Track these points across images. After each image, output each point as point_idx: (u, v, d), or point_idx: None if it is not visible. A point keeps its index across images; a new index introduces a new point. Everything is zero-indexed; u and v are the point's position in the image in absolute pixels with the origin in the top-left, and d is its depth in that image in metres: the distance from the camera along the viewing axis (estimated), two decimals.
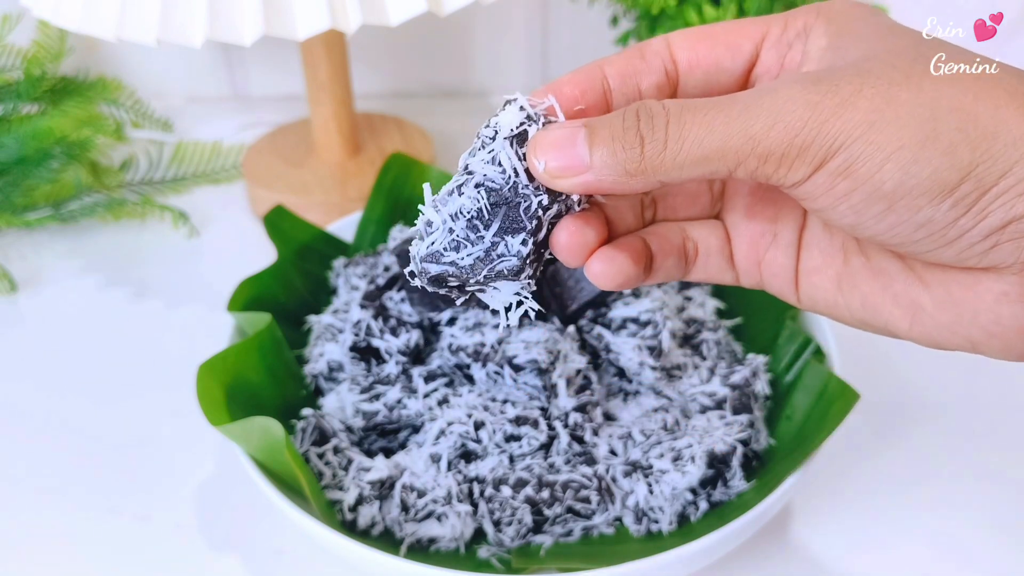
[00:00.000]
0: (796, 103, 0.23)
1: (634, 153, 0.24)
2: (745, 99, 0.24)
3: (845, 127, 0.22)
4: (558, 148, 0.25)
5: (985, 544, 0.43)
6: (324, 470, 0.41)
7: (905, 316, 0.26)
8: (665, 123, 0.24)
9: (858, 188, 0.23)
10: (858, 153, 0.22)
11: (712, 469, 0.40)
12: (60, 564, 0.44)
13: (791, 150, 0.23)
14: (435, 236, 0.26)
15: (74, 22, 0.52)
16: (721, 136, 0.23)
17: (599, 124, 0.25)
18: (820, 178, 0.23)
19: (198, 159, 0.73)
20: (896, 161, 0.22)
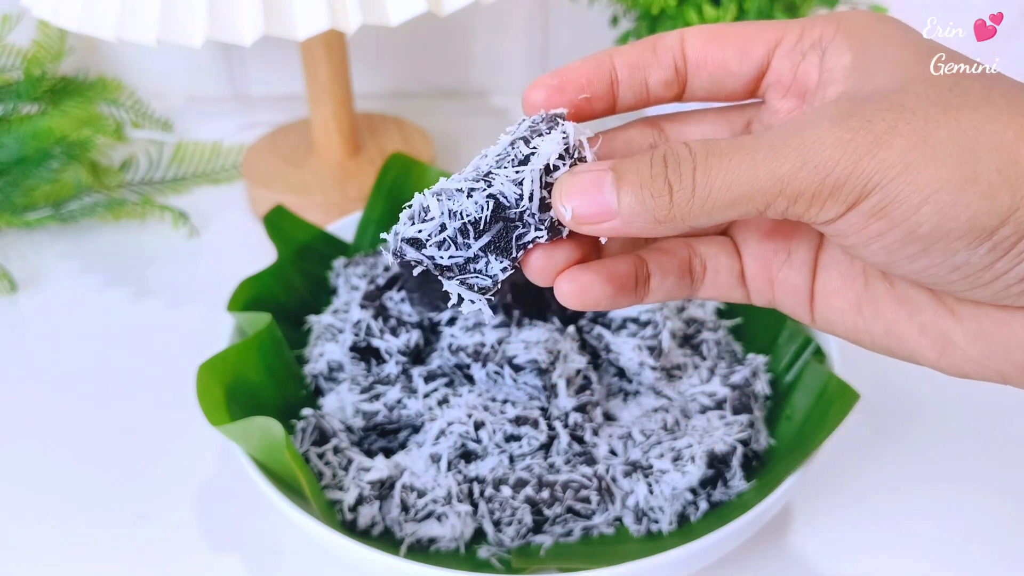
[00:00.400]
0: (826, 142, 0.22)
1: (663, 201, 0.23)
2: (771, 139, 0.23)
3: (880, 166, 0.22)
4: (585, 194, 0.24)
5: (985, 544, 0.43)
6: (324, 470, 0.41)
7: (933, 347, 0.25)
8: (692, 169, 0.23)
9: (893, 229, 0.22)
10: (894, 194, 0.22)
11: (712, 469, 0.40)
12: (60, 564, 0.44)
13: (823, 190, 0.22)
14: (427, 226, 0.25)
15: (74, 22, 0.52)
16: (748, 180, 0.23)
17: (626, 170, 0.24)
18: (853, 217, 0.23)
19: (198, 159, 0.73)
20: (934, 204, 0.21)
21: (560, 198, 0.25)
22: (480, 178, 0.25)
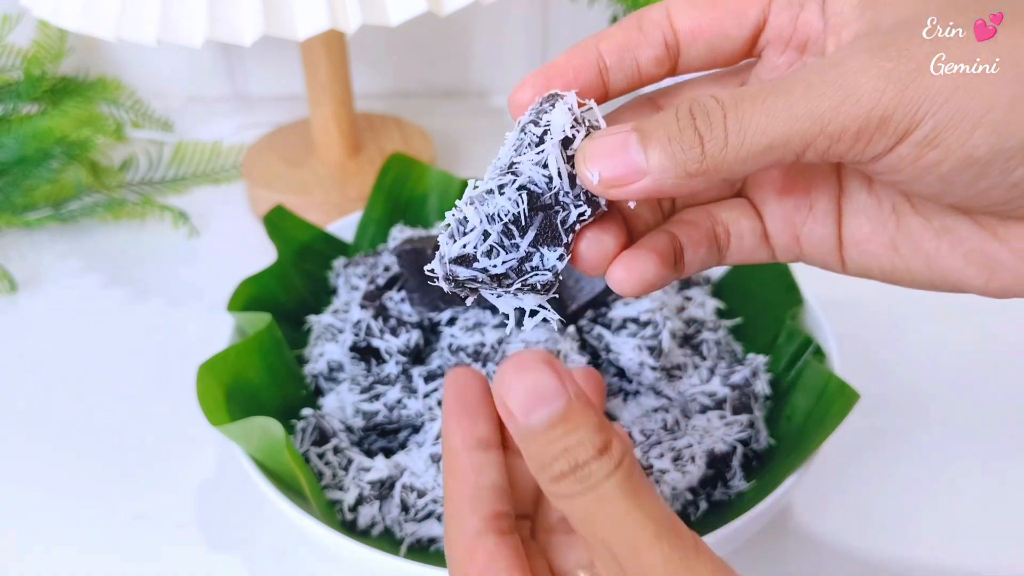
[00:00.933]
0: (869, 73, 0.21)
1: (695, 153, 0.22)
2: (806, 77, 0.22)
3: (928, 93, 0.21)
4: (611, 156, 0.23)
5: (985, 544, 0.43)
6: (324, 470, 0.41)
7: (981, 273, 0.25)
8: (722, 117, 0.22)
9: (949, 157, 0.21)
10: (946, 120, 0.21)
11: (712, 469, 0.40)
12: (60, 564, 0.44)
13: (869, 124, 0.21)
14: (469, 238, 0.24)
15: (74, 22, 0.52)
16: (784, 121, 0.21)
17: (652, 127, 0.23)
18: (904, 150, 0.22)
19: (198, 159, 0.73)
20: (988, 125, 0.21)
21: (585, 164, 0.23)
22: (505, 171, 0.24)
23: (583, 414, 0.23)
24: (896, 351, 0.55)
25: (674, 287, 0.50)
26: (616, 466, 0.23)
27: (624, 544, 0.22)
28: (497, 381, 0.24)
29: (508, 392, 0.24)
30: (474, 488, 0.26)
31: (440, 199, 0.57)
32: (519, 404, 0.23)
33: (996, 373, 0.53)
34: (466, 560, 0.26)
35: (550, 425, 0.23)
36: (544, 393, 0.23)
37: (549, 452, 0.23)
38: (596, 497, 0.23)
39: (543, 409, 0.23)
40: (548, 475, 0.23)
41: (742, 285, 0.51)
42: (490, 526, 0.26)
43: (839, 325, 0.46)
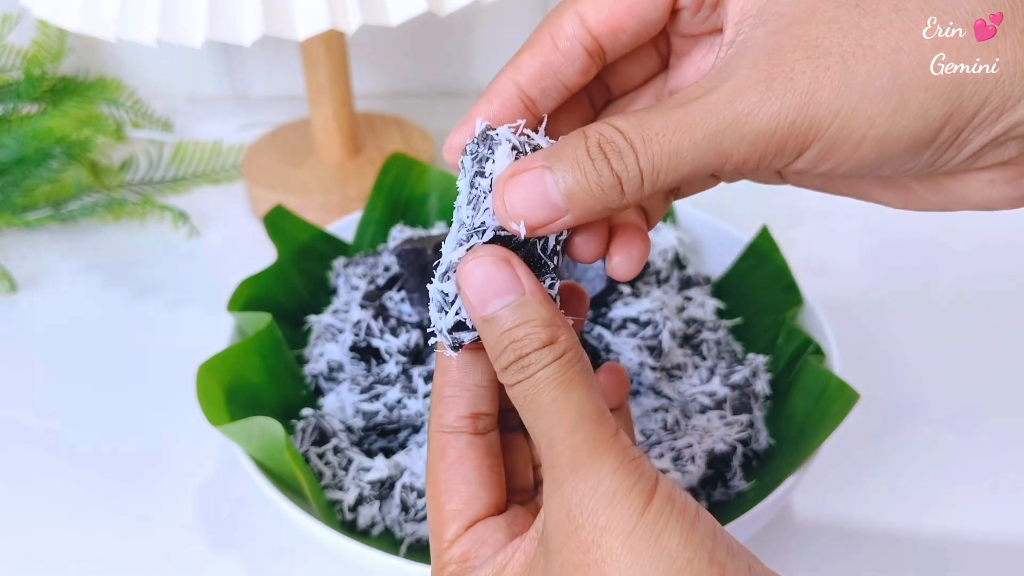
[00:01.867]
0: (758, 117, 0.23)
1: (615, 194, 0.24)
2: (705, 118, 0.23)
3: (813, 123, 0.22)
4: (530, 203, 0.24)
5: (985, 544, 0.43)
6: (324, 470, 0.41)
7: (898, 198, 0.27)
8: (634, 157, 0.23)
9: (840, 165, 0.23)
10: (832, 141, 0.23)
11: (712, 469, 0.40)
12: (60, 564, 0.44)
13: (767, 154, 0.23)
14: (459, 306, 0.25)
15: (74, 22, 0.52)
16: (692, 159, 0.23)
17: (565, 165, 0.24)
18: (800, 164, 0.24)
19: (198, 159, 0.73)
20: (872, 139, 0.22)
21: (508, 215, 0.24)
22: (472, 231, 0.25)
23: (534, 310, 0.24)
24: (896, 351, 0.55)
25: (674, 287, 0.50)
26: (555, 358, 0.24)
27: (545, 430, 0.24)
28: (458, 272, 0.25)
29: (466, 281, 0.25)
30: (455, 387, 0.27)
31: (440, 199, 0.57)
32: (475, 295, 0.24)
33: (996, 373, 0.53)
34: (437, 457, 0.27)
35: (502, 316, 0.24)
36: (499, 287, 0.24)
37: (500, 342, 0.24)
38: (532, 384, 0.24)
39: (497, 301, 0.24)
40: (499, 364, 0.25)
41: (742, 285, 0.51)
42: (466, 426, 0.27)
43: (839, 325, 0.46)
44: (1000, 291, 0.60)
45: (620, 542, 0.22)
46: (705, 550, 0.22)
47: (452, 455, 0.27)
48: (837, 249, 0.64)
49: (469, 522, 0.27)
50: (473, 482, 0.27)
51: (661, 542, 0.22)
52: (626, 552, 0.22)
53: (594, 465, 0.23)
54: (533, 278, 0.25)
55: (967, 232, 0.66)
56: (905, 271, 0.62)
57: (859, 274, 0.62)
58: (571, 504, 0.23)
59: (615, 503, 0.22)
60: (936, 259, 0.63)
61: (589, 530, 0.22)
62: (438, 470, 0.27)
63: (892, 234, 0.65)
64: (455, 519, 0.27)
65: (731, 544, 0.23)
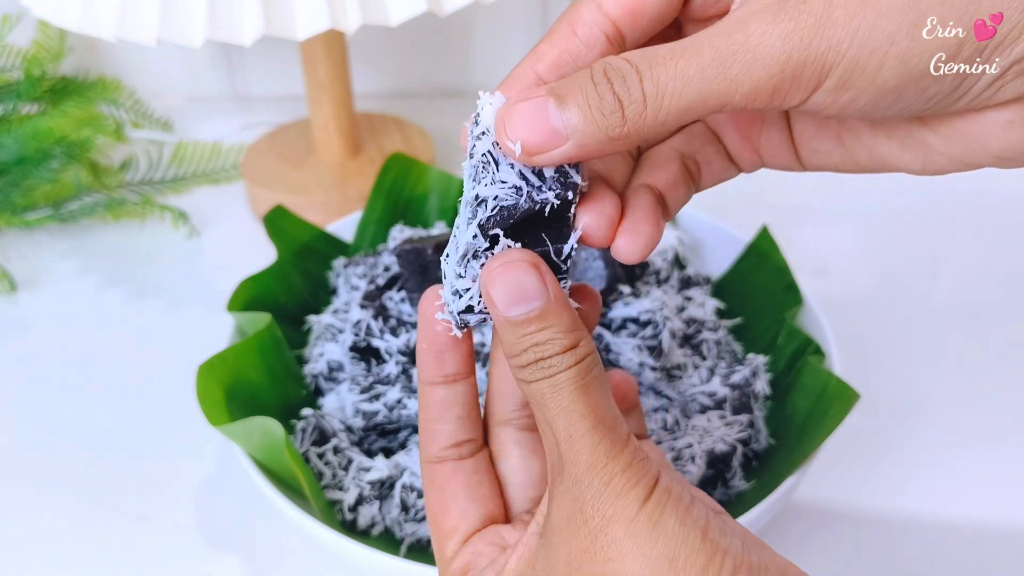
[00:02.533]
0: (771, 36, 0.22)
1: (616, 118, 0.23)
2: (713, 40, 0.23)
3: (831, 44, 0.22)
4: (530, 124, 0.23)
5: (986, 544, 0.43)
6: (324, 470, 0.41)
7: (916, 159, 0.26)
8: (639, 81, 0.23)
9: (862, 95, 0.23)
10: (852, 65, 0.22)
11: (712, 469, 0.40)
12: (60, 564, 0.44)
13: (782, 83, 0.22)
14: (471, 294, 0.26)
15: (74, 22, 0.52)
16: (699, 83, 0.22)
17: (568, 91, 0.23)
18: (819, 97, 0.23)
19: (198, 159, 0.73)
20: (893, 59, 0.22)
21: (505, 133, 0.24)
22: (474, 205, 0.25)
23: (557, 316, 0.25)
24: (896, 351, 0.55)
25: (674, 287, 0.50)
26: (576, 362, 0.25)
27: (564, 428, 0.25)
28: (484, 272, 0.25)
29: (492, 284, 0.25)
30: (436, 421, 0.29)
31: (440, 199, 0.57)
32: (502, 298, 0.25)
33: (996, 373, 0.53)
34: (428, 485, 0.29)
35: (526, 321, 0.25)
36: (526, 292, 0.25)
37: (521, 343, 0.25)
38: (552, 384, 0.25)
39: (523, 306, 0.25)
40: (517, 361, 0.25)
41: (742, 285, 0.51)
42: (448, 455, 0.29)
43: (839, 325, 0.46)
44: (1000, 291, 0.60)
45: (623, 527, 0.24)
46: (699, 528, 0.24)
47: (439, 482, 0.29)
48: (837, 249, 0.64)
49: (465, 537, 0.29)
50: (463, 499, 0.29)
51: (659, 526, 0.24)
52: (628, 536, 0.24)
53: (608, 464, 0.24)
54: (557, 284, 0.25)
55: (967, 232, 0.66)
56: (905, 271, 0.62)
57: (859, 274, 0.62)
58: (585, 498, 0.24)
59: (621, 496, 0.24)
60: (936, 259, 0.63)
61: (598, 520, 0.24)
62: (431, 495, 0.29)
63: (892, 234, 0.66)
64: (450, 537, 0.29)
65: (725, 524, 0.25)
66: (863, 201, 0.68)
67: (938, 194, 0.67)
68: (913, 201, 0.68)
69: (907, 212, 0.67)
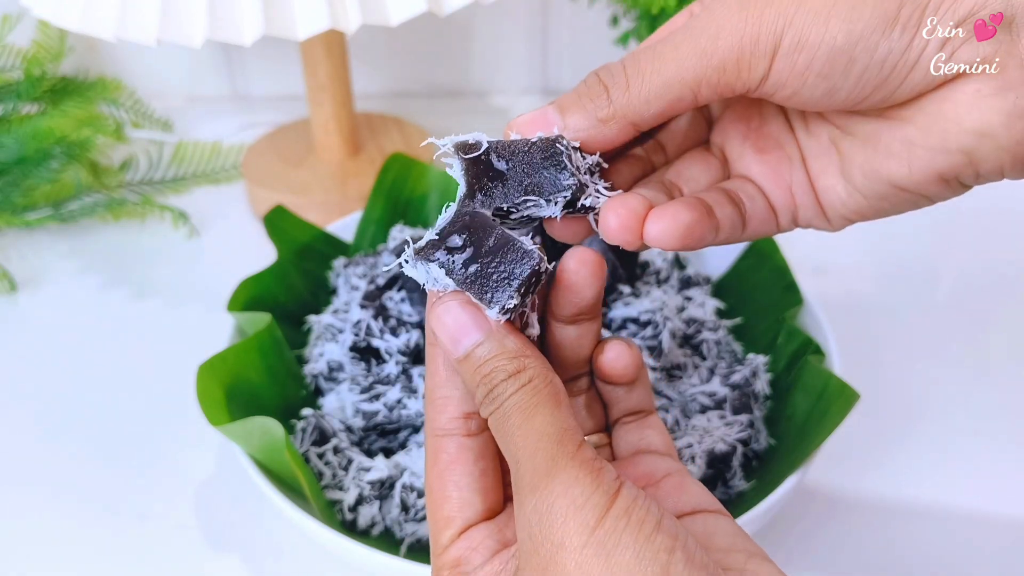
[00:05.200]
0: (731, 10, 0.25)
1: (602, 101, 0.26)
2: (686, 26, 0.26)
3: (780, 10, 0.25)
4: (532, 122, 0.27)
5: (986, 543, 0.44)
6: (324, 470, 0.41)
7: (902, 163, 0.27)
8: (622, 68, 0.26)
9: (816, 53, 0.25)
10: (801, 25, 0.24)
11: (712, 469, 0.40)
12: (60, 563, 0.44)
13: (743, 51, 0.25)
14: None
15: (74, 22, 0.52)
16: (675, 61, 0.26)
17: (566, 97, 0.27)
18: (780, 63, 0.25)
19: (198, 159, 0.73)
20: (837, 16, 0.24)
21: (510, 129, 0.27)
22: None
23: (500, 343, 0.25)
24: (896, 351, 0.55)
25: (674, 287, 0.50)
26: (521, 386, 0.25)
27: (511, 455, 0.24)
28: (428, 314, 0.26)
29: (439, 325, 0.26)
30: (445, 387, 0.27)
31: (440, 199, 0.57)
32: (447, 336, 0.26)
33: (996, 373, 0.53)
34: (431, 462, 0.28)
35: (474, 354, 0.25)
36: (465, 327, 0.25)
37: (474, 379, 0.25)
38: (501, 414, 0.25)
39: (467, 340, 0.25)
40: (476, 399, 0.26)
41: (742, 285, 0.51)
42: (456, 428, 0.27)
43: (839, 325, 0.46)
44: (1000, 291, 0.60)
45: (572, 557, 0.22)
46: (659, 564, 0.21)
47: (444, 460, 0.27)
48: (837, 249, 0.64)
49: (461, 528, 0.27)
50: (465, 487, 0.27)
51: (612, 558, 0.21)
52: (577, 569, 0.22)
53: (550, 484, 0.23)
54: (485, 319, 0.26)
55: (967, 232, 0.66)
56: (905, 271, 0.62)
57: (859, 274, 0.62)
58: (531, 523, 0.23)
59: (567, 519, 0.22)
60: (936, 259, 0.63)
61: (547, 548, 0.22)
62: (432, 475, 0.28)
63: (892, 234, 0.65)
64: (448, 525, 0.27)
65: (693, 555, 0.22)
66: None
67: None
68: None
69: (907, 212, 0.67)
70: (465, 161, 0.26)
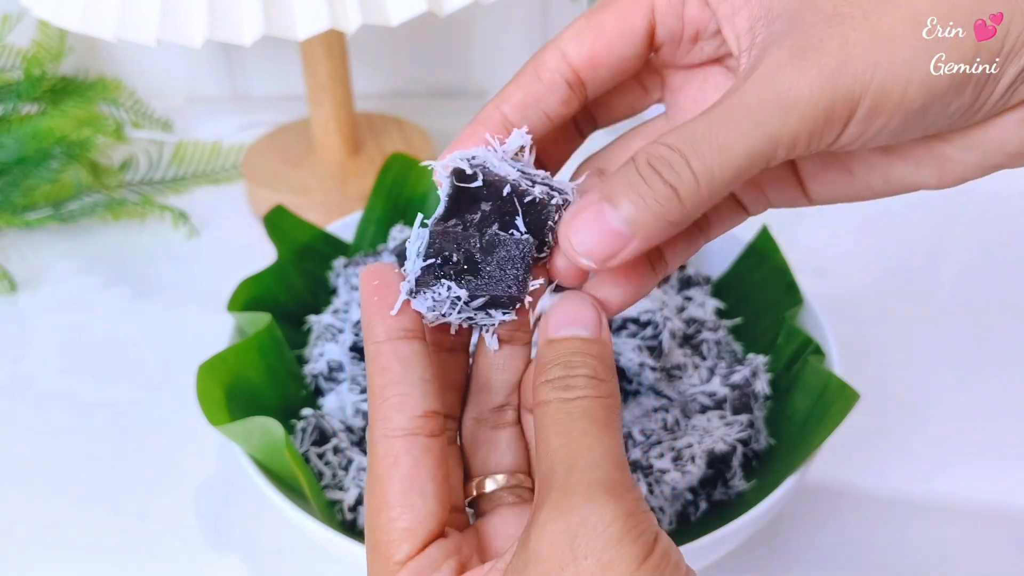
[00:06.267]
0: (799, 85, 0.23)
1: (673, 204, 0.23)
2: (745, 101, 0.23)
3: (856, 78, 0.23)
4: (594, 236, 0.24)
5: (986, 543, 0.43)
6: (324, 470, 0.41)
7: (933, 173, 0.26)
8: (685, 162, 0.23)
9: (892, 119, 0.23)
10: (879, 94, 0.23)
11: (712, 469, 0.40)
12: (60, 563, 0.44)
13: (816, 126, 0.23)
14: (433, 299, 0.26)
15: (74, 22, 0.52)
16: (743, 148, 0.23)
17: (618, 191, 0.23)
18: (852, 128, 0.23)
19: (198, 159, 0.73)
20: (916, 83, 0.23)
21: (576, 253, 0.24)
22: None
23: (601, 351, 0.25)
24: (896, 351, 0.55)
25: (674, 287, 0.50)
26: (599, 396, 0.24)
27: (564, 456, 0.23)
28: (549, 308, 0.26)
29: (552, 310, 0.26)
30: (401, 384, 0.25)
31: (440, 199, 0.56)
32: (555, 320, 0.25)
33: (996, 372, 0.53)
34: (388, 465, 0.25)
35: (569, 340, 0.25)
36: (582, 320, 0.25)
37: (554, 359, 0.25)
38: (567, 409, 0.24)
39: (574, 327, 0.25)
40: (544, 376, 0.25)
41: (742, 285, 0.51)
42: (418, 427, 0.25)
43: (839, 325, 0.46)
44: (1000, 290, 0.60)
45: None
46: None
47: (407, 463, 0.25)
48: (837, 249, 0.64)
49: (422, 543, 0.25)
50: (431, 496, 0.25)
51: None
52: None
53: (610, 504, 0.22)
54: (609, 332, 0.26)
55: (967, 232, 0.66)
56: (905, 271, 0.62)
57: (859, 274, 0.62)
58: (579, 532, 0.22)
59: (622, 544, 0.22)
60: (936, 259, 0.63)
61: (591, 563, 0.22)
62: (390, 479, 0.25)
63: (892, 234, 0.66)
64: (407, 539, 0.25)
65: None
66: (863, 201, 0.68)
67: (938, 194, 0.67)
68: (913, 201, 0.67)
69: (907, 212, 0.67)
70: (456, 187, 0.26)
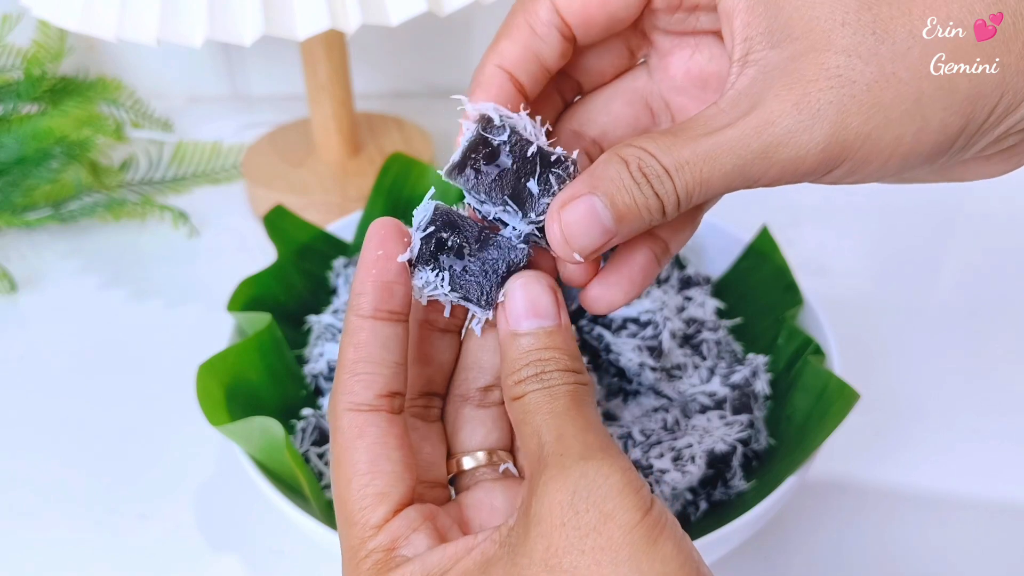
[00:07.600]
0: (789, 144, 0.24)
1: (657, 213, 0.25)
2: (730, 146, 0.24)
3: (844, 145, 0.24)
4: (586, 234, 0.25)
5: (985, 543, 0.43)
6: (324, 470, 0.41)
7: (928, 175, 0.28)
8: (671, 182, 0.25)
9: (866, 178, 0.25)
10: (861, 160, 0.24)
11: (712, 469, 0.40)
12: (60, 563, 0.44)
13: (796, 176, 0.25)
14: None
15: (74, 22, 0.52)
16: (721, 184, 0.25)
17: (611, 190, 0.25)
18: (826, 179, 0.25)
19: (198, 159, 0.73)
20: (899, 155, 0.24)
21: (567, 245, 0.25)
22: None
23: (565, 342, 0.26)
24: (896, 351, 0.55)
25: (674, 287, 0.50)
26: (575, 383, 0.25)
27: (554, 428, 0.24)
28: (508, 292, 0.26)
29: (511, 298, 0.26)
30: (373, 363, 0.26)
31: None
32: (515, 311, 0.26)
33: (996, 372, 0.53)
34: (354, 436, 0.26)
35: (534, 336, 0.25)
36: (541, 309, 0.26)
37: (523, 359, 0.25)
38: (548, 393, 0.25)
39: (535, 320, 0.26)
40: (514, 377, 0.25)
41: (742, 285, 0.51)
42: (384, 404, 0.26)
43: (839, 325, 0.46)
44: (999, 290, 0.60)
45: (623, 534, 0.22)
46: (693, 561, 0.23)
47: (373, 434, 0.25)
48: (837, 249, 0.64)
49: (397, 505, 0.25)
50: (398, 462, 0.25)
51: (657, 545, 0.22)
52: (626, 546, 0.22)
53: (607, 459, 0.23)
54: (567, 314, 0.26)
55: (967, 232, 0.66)
56: (905, 271, 0.62)
57: (859, 274, 0.62)
58: (577, 488, 0.23)
59: (624, 495, 0.22)
60: (936, 259, 0.63)
61: (593, 515, 0.22)
62: (357, 449, 0.25)
63: (892, 234, 0.66)
64: (382, 503, 0.25)
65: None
66: (863, 201, 0.68)
67: (938, 194, 0.67)
68: (913, 201, 0.68)
69: (907, 212, 0.67)
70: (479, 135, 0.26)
